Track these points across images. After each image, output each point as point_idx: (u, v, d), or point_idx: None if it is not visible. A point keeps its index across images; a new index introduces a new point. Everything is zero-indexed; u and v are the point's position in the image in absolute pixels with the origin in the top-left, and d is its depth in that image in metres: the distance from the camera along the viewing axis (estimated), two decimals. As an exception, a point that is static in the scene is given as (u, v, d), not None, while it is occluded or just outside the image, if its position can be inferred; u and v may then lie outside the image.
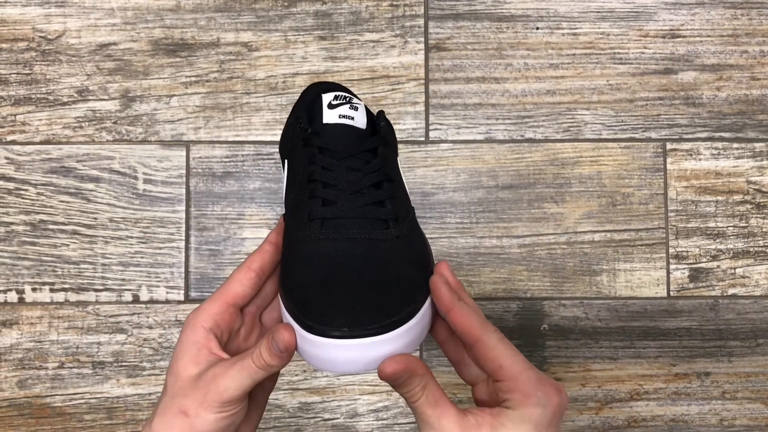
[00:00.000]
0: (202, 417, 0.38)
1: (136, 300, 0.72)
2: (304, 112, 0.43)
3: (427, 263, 0.41)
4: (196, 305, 0.71)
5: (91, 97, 0.74)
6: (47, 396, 0.72)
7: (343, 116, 0.41)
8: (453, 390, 0.72)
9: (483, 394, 0.41)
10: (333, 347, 0.35)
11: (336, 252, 0.39)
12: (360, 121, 0.41)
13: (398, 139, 0.73)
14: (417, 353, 0.72)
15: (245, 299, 0.42)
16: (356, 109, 0.42)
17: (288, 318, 0.38)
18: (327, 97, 0.41)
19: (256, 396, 0.43)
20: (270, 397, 0.72)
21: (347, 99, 0.42)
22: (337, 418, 0.72)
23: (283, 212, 0.44)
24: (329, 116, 0.41)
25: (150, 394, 0.71)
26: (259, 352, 0.38)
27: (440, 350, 0.72)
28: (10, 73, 0.74)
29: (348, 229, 0.39)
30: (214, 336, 0.40)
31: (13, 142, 0.73)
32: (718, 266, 0.73)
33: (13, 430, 0.71)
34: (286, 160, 0.44)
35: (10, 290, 0.72)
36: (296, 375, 0.72)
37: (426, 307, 0.38)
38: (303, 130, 0.42)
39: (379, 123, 0.43)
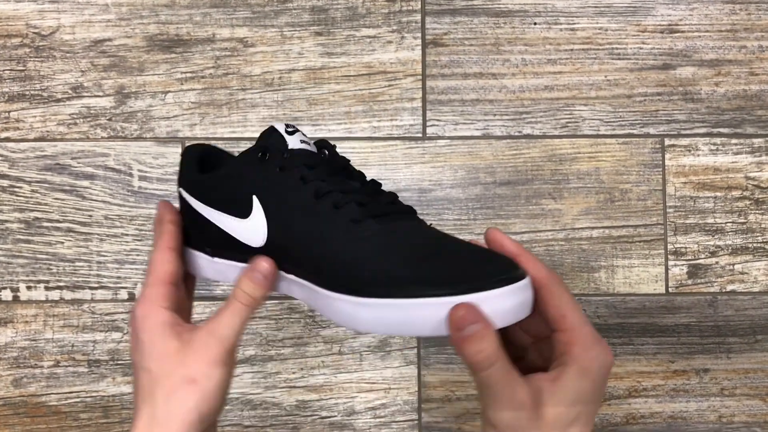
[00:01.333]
0: (213, 375, 0.38)
1: (131, 298, 0.72)
2: (262, 146, 0.42)
3: None
4: (201, 303, 0.71)
5: (85, 94, 0.73)
6: (43, 395, 0.71)
7: (304, 141, 0.42)
8: (451, 387, 0.72)
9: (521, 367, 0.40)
10: (502, 295, 0.35)
11: (408, 234, 0.39)
12: (312, 146, 0.43)
13: (396, 135, 0.73)
14: (414, 349, 0.72)
15: (177, 276, 0.43)
16: (305, 135, 0.44)
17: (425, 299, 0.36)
18: (280, 127, 0.42)
19: None
20: (267, 395, 0.72)
21: (295, 127, 0.43)
22: (335, 416, 0.72)
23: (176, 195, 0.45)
24: (293, 142, 0.42)
25: (146, 392, 0.71)
26: (242, 290, 0.40)
27: (438, 348, 0.72)
28: (4, 70, 0.73)
29: (395, 221, 0.40)
30: (175, 312, 0.41)
31: (7, 139, 0.73)
32: (717, 262, 0.73)
33: (9, 429, 0.71)
34: (254, 198, 0.42)
35: (5, 288, 0.72)
36: (294, 373, 0.72)
37: None
38: (278, 157, 0.41)
39: (330, 146, 0.44)
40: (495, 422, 0.35)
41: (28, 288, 0.72)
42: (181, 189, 0.46)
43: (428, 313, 0.35)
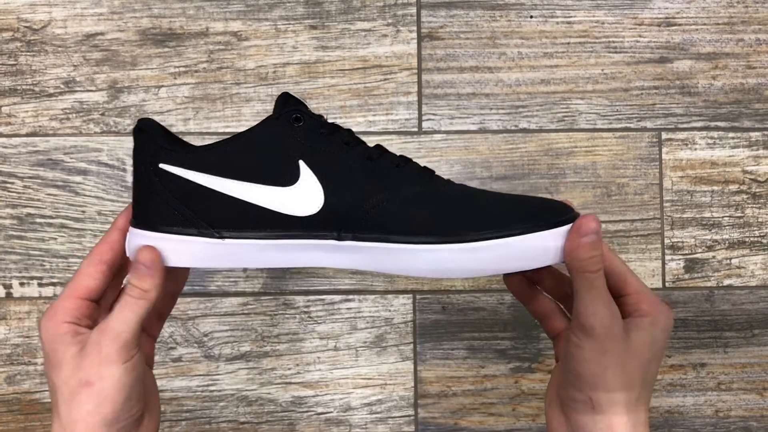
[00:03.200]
0: (108, 375, 0.37)
1: (125, 294, 0.71)
2: (291, 111, 0.41)
3: None
4: (195, 299, 0.71)
5: (78, 88, 0.72)
6: (36, 392, 0.71)
7: None
8: (447, 383, 0.71)
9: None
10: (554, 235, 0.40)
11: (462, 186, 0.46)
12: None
13: (392, 130, 0.73)
14: (411, 345, 0.72)
15: (98, 293, 0.41)
16: None
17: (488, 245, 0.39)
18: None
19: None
20: (263, 391, 0.71)
21: None
22: (331, 412, 0.71)
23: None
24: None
25: (141, 389, 0.71)
26: (131, 284, 0.39)
27: (434, 343, 0.72)
28: (-5, 64, 0.72)
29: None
30: (79, 325, 0.40)
31: (-1, 135, 0.72)
32: (714, 257, 0.73)
33: (2, 427, 0.71)
34: (302, 163, 0.40)
35: (-2, 285, 0.71)
36: (289, 369, 0.71)
37: None
38: (317, 120, 0.41)
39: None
40: (591, 322, 0.38)
41: (21, 284, 0.71)
42: (163, 165, 0.40)
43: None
